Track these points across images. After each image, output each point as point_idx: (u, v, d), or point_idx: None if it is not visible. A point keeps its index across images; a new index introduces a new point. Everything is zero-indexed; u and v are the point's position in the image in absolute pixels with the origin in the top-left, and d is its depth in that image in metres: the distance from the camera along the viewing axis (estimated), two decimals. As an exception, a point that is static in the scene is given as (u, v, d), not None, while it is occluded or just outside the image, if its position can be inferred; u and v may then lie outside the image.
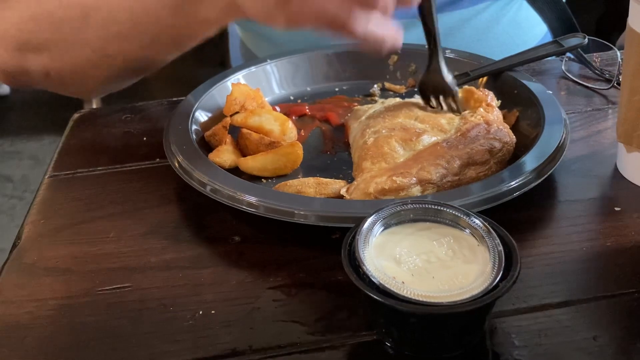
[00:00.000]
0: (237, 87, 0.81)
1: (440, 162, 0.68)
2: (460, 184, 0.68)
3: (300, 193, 0.69)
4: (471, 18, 1.09)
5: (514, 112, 0.80)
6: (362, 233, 0.52)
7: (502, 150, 0.71)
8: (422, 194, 0.66)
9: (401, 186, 0.66)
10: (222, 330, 0.56)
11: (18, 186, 2.91)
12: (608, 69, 0.94)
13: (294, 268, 0.62)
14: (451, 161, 0.68)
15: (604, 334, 0.53)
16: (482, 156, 0.69)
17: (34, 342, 0.56)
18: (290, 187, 0.70)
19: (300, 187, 0.69)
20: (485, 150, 0.69)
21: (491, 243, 0.51)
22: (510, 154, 0.72)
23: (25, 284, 0.62)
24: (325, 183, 0.70)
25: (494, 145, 0.70)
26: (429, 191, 0.66)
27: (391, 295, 0.48)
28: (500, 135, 0.71)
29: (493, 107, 0.76)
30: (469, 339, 0.52)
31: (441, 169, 0.67)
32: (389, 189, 0.66)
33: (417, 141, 0.72)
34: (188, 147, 0.74)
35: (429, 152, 0.69)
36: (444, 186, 0.67)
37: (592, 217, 0.67)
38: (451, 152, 0.69)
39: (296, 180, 0.71)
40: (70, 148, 0.86)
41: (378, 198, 0.66)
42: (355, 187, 0.68)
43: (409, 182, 0.66)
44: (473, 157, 0.69)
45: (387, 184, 0.66)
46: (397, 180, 0.66)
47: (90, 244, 0.67)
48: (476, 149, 0.69)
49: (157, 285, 0.61)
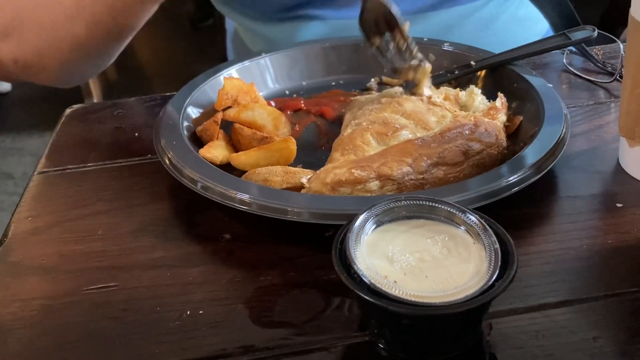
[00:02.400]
0: (230, 81, 0.79)
1: (406, 159, 0.65)
2: (424, 184, 0.65)
3: (267, 181, 0.67)
4: (470, 14, 1.07)
5: (518, 117, 0.76)
6: (354, 231, 0.51)
7: (482, 154, 0.68)
8: (380, 189, 0.64)
9: (358, 179, 0.64)
10: (210, 331, 0.54)
11: (19, 183, 2.91)
12: (610, 61, 0.92)
13: (285, 267, 0.60)
14: (418, 159, 0.65)
15: (604, 334, 0.51)
16: (455, 157, 0.66)
17: (16, 344, 0.54)
18: (258, 175, 0.68)
19: (268, 175, 0.68)
20: (460, 151, 0.67)
21: (487, 241, 0.50)
22: (493, 158, 0.69)
23: (10, 283, 0.61)
24: (292, 172, 0.68)
25: (471, 147, 0.67)
26: (388, 187, 0.64)
27: (383, 296, 0.46)
28: (484, 137, 0.69)
29: (497, 110, 0.74)
30: (465, 341, 0.50)
31: (405, 167, 0.65)
32: (345, 181, 0.64)
33: (393, 136, 0.70)
34: (178, 143, 0.72)
35: (397, 148, 0.67)
36: (405, 184, 0.65)
37: (593, 213, 0.65)
38: (421, 150, 0.66)
39: (264, 169, 0.69)
40: (60, 144, 0.84)
41: (335, 189, 0.64)
42: (316, 177, 0.66)
43: (368, 175, 0.64)
44: (445, 157, 0.66)
45: (345, 176, 0.64)
46: (355, 173, 0.64)
47: (78, 242, 0.65)
48: (450, 149, 0.67)
49: (144, 285, 0.59)
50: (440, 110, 0.74)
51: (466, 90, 0.79)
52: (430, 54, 0.91)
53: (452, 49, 0.90)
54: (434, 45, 0.92)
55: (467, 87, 0.80)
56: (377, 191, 0.64)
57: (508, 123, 0.75)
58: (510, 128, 0.75)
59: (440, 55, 0.90)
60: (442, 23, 1.05)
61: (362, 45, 0.94)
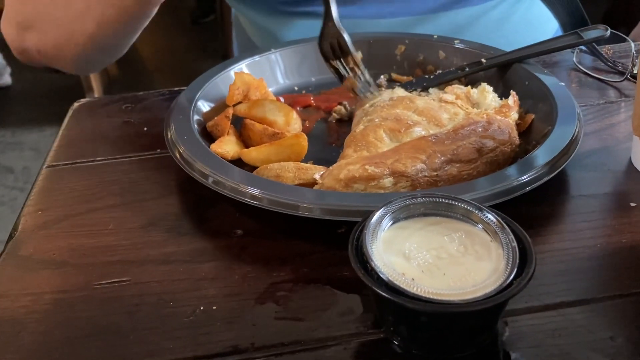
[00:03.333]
0: (240, 76, 0.79)
1: (420, 156, 0.65)
2: (438, 181, 0.65)
3: (279, 177, 0.67)
4: (481, 15, 1.06)
5: (529, 115, 0.76)
6: (370, 227, 0.50)
7: (495, 151, 0.68)
8: (394, 186, 0.64)
9: (372, 175, 0.63)
10: (223, 326, 0.54)
11: (19, 177, 2.90)
12: (621, 60, 0.91)
13: (298, 263, 0.60)
14: (432, 156, 0.65)
15: (621, 333, 0.51)
16: (469, 154, 0.66)
17: (28, 338, 0.54)
18: (270, 171, 0.68)
19: (280, 171, 0.68)
20: (474, 148, 0.67)
21: (505, 239, 0.49)
22: (506, 156, 0.69)
23: (21, 277, 0.60)
24: (305, 168, 0.68)
25: (485, 144, 0.67)
26: (402, 184, 0.64)
27: (400, 293, 0.46)
28: (497, 134, 0.68)
29: (509, 108, 0.73)
30: (481, 339, 0.50)
31: (419, 163, 0.64)
32: (359, 177, 0.63)
33: (406, 133, 0.70)
34: (189, 138, 0.72)
35: (411, 144, 0.67)
36: (419, 181, 0.64)
37: (607, 212, 0.65)
38: (435, 147, 0.66)
39: (276, 164, 0.69)
40: (69, 138, 0.84)
41: (348, 185, 0.64)
42: (329, 173, 0.66)
43: (382, 172, 0.63)
44: (458, 154, 0.66)
45: (358, 172, 0.64)
46: (369, 169, 0.64)
47: (88, 236, 0.65)
48: (464, 146, 0.66)
49: (156, 280, 0.59)
50: (452, 107, 0.74)
51: (478, 88, 0.78)
52: (441, 51, 0.91)
53: (462, 46, 0.90)
54: (444, 42, 0.91)
55: (478, 85, 0.79)
56: (391, 188, 0.64)
57: (520, 121, 0.75)
58: (521, 126, 0.75)
59: (451, 52, 0.90)
60: (453, 24, 1.05)
61: (371, 41, 0.94)
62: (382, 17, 1.06)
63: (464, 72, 0.86)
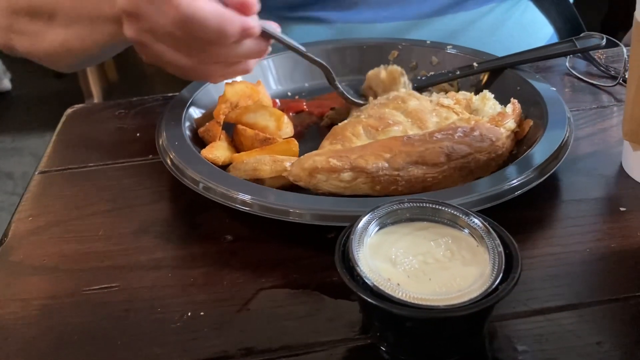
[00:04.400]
0: (232, 87, 0.78)
1: (384, 154, 0.65)
2: (399, 180, 0.65)
3: (257, 170, 0.68)
4: (475, 20, 1.06)
5: (527, 121, 0.75)
6: (357, 232, 0.50)
7: (467, 158, 0.67)
8: (353, 180, 0.65)
9: (333, 168, 0.64)
10: (212, 332, 0.54)
11: (19, 183, 2.90)
12: (613, 65, 0.92)
13: (287, 268, 0.60)
14: (397, 156, 0.65)
15: (608, 339, 0.51)
16: (435, 158, 0.66)
17: (17, 344, 0.54)
18: (247, 165, 0.69)
19: (257, 164, 0.68)
20: (442, 152, 0.66)
21: (491, 244, 0.49)
22: (481, 163, 0.68)
23: (11, 283, 0.61)
24: (280, 160, 0.69)
25: (455, 150, 0.67)
26: (361, 179, 0.65)
27: (386, 298, 0.46)
28: (475, 142, 0.68)
29: (504, 117, 0.72)
30: (468, 344, 0.50)
31: (381, 161, 0.65)
32: (321, 168, 0.65)
33: (383, 131, 0.71)
34: (180, 144, 0.72)
35: (381, 143, 0.68)
36: (379, 179, 0.65)
37: (597, 217, 0.65)
38: (404, 147, 0.66)
39: (252, 158, 0.69)
40: (62, 144, 0.84)
41: (312, 175, 0.65)
42: (297, 161, 0.67)
43: (342, 165, 0.65)
44: (425, 157, 0.66)
45: (321, 164, 0.65)
46: (331, 162, 0.65)
47: (79, 242, 0.65)
48: (432, 149, 0.66)
49: (145, 285, 0.59)
50: (446, 112, 0.74)
51: (479, 94, 0.78)
52: (434, 57, 0.91)
53: (455, 51, 0.90)
54: (437, 47, 0.92)
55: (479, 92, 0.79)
56: (350, 182, 0.65)
57: (518, 129, 0.74)
58: (519, 134, 0.74)
59: (444, 58, 0.90)
60: (448, 29, 1.05)
61: (364, 47, 0.95)
62: (377, 22, 1.06)
63: (454, 75, 0.86)
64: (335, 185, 0.65)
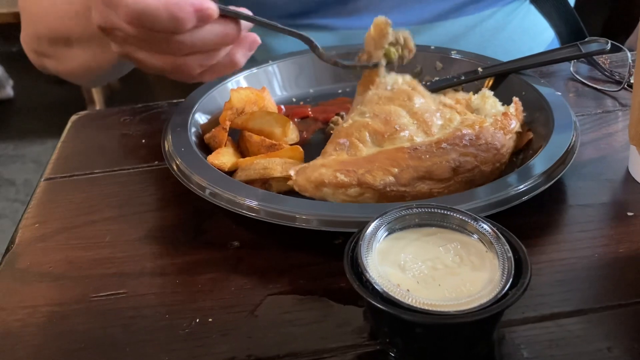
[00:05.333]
0: (237, 93, 0.78)
1: (392, 170, 0.65)
2: (406, 196, 0.65)
3: (268, 169, 0.68)
4: (476, 25, 1.07)
5: (528, 133, 0.75)
6: (365, 238, 0.50)
7: (473, 171, 0.67)
8: (360, 195, 0.65)
9: (340, 183, 0.64)
10: (219, 339, 0.54)
11: (21, 190, 2.90)
12: (618, 70, 0.92)
13: (294, 274, 0.60)
14: (405, 171, 0.65)
15: (618, 344, 0.50)
16: (443, 173, 0.65)
17: (24, 351, 0.54)
18: (257, 165, 0.69)
19: (268, 164, 0.69)
20: (450, 167, 0.66)
21: (500, 249, 0.49)
22: (486, 175, 0.68)
23: (18, 290, 0.60)
24: (291, 163, 0.69)
25: (462, 164, 0.66)
26: (368, 195, 0.65)
27: (395, 304, 0.45)
28: (481, 151, 0.67)
29: (509, 118, 0.72)
30: (477, 350, 0.50)
31: (389, 177, 0.64)
32: (328, 183, 0.65)
33: (390, 139, 0.70)
34: (186, 150, 0.72)
35: (387, 155, 0.67)
36: (386, 194, 0.64)
37: (604, 222, 0.65)
38: (411, 161, 0.66)
39: (264, 160, 0.70)
40: (67, 151, 0.84)
41: (318, 188, 0.65)
42: (303, 171, 0.67)
43: (350, 182, 0.64)
44: (432, 172, 0.65)
45: (329, 178, 0.65)
46: (339, 177, 0.65)
47: (85, 249, 0.65)
48: (439, 164, 0.66)
49: (152, 292, 0.59)
50: (449, 112, 0.74)
51: (478, 93, 0.78)
52: (438, 62, 0.91)
53: (460, 57, 0.90)
54: (441, 53, 0.92)
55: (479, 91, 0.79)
56: (357, 196, 0.65)
57: (520, 130, 0.74)
58: (519, 144, 0.74)
59: (448, 63, 0.90)
60: (449, 33, 1.05)
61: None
62: None
63: (459, 80, 0.86)
64: (342, 199, 0.65)
